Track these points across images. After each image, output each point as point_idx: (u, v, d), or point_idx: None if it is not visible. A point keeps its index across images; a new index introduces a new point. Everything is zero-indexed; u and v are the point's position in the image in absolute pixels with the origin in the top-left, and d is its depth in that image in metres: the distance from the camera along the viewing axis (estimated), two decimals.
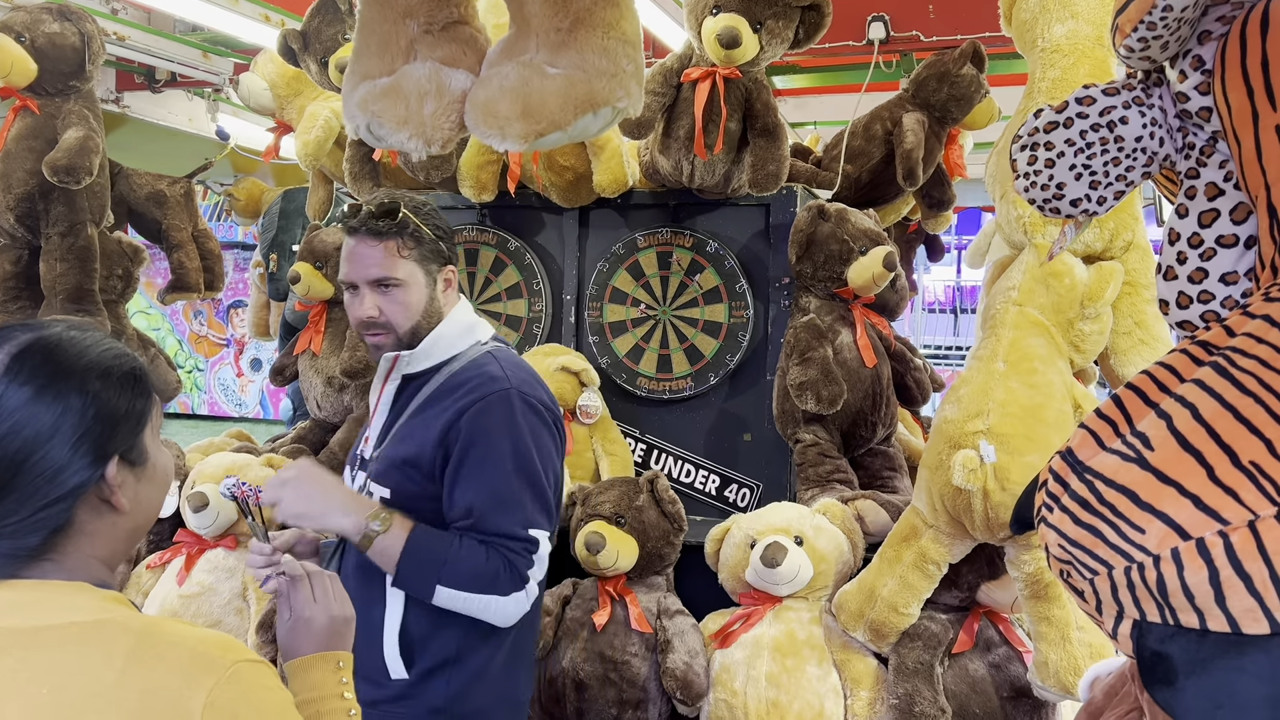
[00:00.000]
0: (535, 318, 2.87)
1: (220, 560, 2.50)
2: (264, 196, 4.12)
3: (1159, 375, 0.92)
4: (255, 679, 0.93)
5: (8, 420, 0.94)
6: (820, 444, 2.49)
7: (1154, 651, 0.86)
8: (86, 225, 2.87)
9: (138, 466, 1.02)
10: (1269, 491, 0.81)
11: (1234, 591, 0.80)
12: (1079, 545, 0.89)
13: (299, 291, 2.77)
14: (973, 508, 1.91)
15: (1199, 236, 1.03)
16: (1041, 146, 1.11)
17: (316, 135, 2.88)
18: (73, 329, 1.02)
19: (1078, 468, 0.91)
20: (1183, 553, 0.82)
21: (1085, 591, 0.92)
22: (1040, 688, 1.94)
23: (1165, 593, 0.83)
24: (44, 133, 2.77)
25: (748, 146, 2.46)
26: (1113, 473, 0.87)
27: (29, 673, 0.89)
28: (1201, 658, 0.82)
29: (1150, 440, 0.86)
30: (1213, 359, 0.88)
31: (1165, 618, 0.84)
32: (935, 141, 2.92)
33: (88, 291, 2.87)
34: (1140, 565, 0.84)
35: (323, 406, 2.88)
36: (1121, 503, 0.86)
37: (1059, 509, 0.91)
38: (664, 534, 2.27)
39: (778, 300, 2.67)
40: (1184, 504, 0.83)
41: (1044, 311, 2.00)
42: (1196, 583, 0.81)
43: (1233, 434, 0.83)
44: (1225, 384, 0.85)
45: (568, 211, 2.83)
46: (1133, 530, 0.85)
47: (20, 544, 0.95)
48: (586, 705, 2.10)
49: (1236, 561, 0.79)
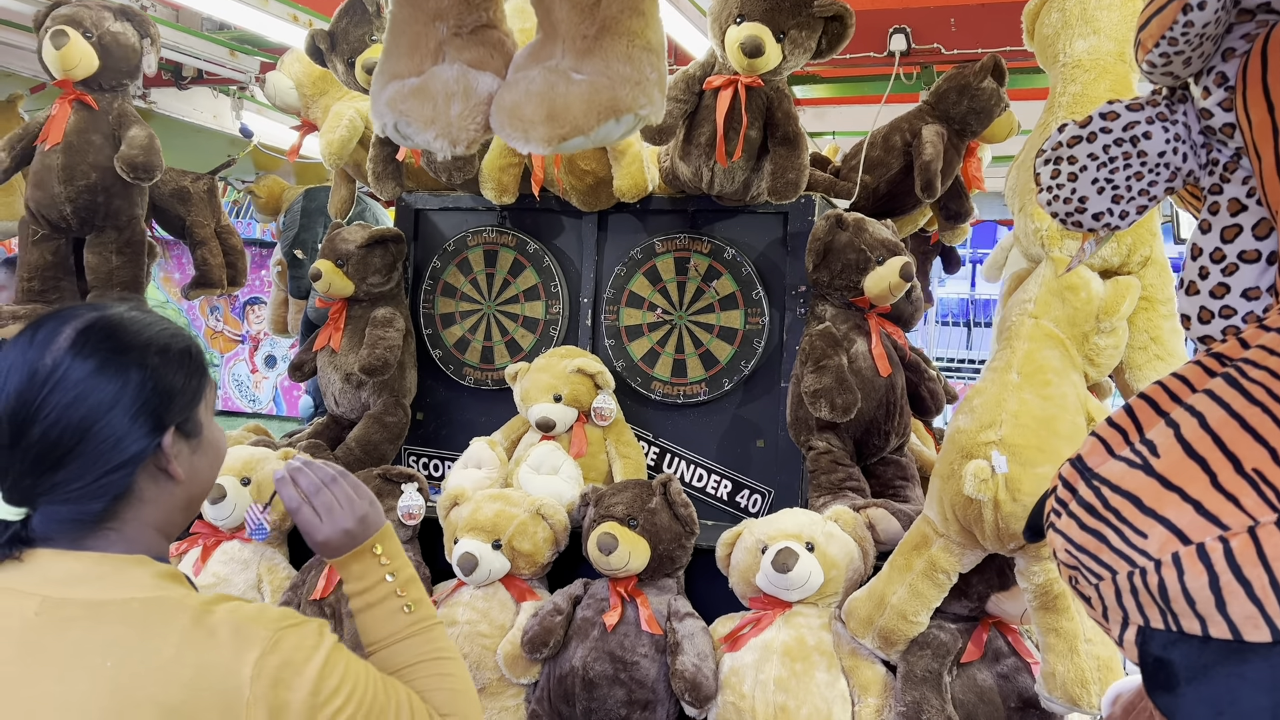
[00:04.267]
0: (552, 320, 2.89)
1: (236, 552, 2.52)
2: (285, 194, 4.16)
3: (1171, 386, 0.93)
4: (295, 641, 0.99)
5: (72, 390, 1.00)
6: (833, 452, 2.50)
7: (1156, 658, 0.86)
8: (140, 220, 2.95)
9: (193, 438, 1.09)
10: (1270, 498, 0.81)
11: (1234, 597, 0.80)
12: (1085, 550, 0.90)
13: (320, 289, 2.80)
14: (983, 518, 1.92)
15: (1221, 252, 1.04)
16: (1065, 160, 1.12)
17: (341, 134, 2.90)
18: (133, 309, 1.09)
19: (1086, 474, 0.92)
20: (1183, 558, 0.82)
21: (1092, 598, 0.93)
22: (1047, 699, 1.94)
23: (1167, 598, 0.83)
24: (100, 128, 2.85)
25: (767, 154, 2.48)
26: (1119, 479, 0.88)
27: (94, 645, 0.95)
28: (1203, 664, 0.82)
29: (1157, 448, 0.87)
30: (1225, 370, 0.89)
31: (1168, 623, 0.84)
32: (954, 154, 2.93)
33: (141, 285, 2.96)
34: (1143, 570, 0.85)
35: (340, 403, 2.91)
36: (1126, 508, 0.86)
37: (1066, 515, 0.92)
38: (676, 537, 2.28)
39: (794, 308, 2.68)
40: (1185, 509, 0.83)
41: (1059, 324, 2.01)
42: (1197, 588, 0.81)
43: (1237, 442, 0.83)
44: (1234, 394, 0.86)
45: (587, 215, 2.85)
46: (1136, 535, 0.85)
47: (85, 509, 1.01)
48: (595, 704, 2.11)
49: (1236, 567, 0.80)
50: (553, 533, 2.37)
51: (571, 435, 2.66)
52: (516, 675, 2.23)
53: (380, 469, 2.54)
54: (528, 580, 2.37)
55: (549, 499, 2.41)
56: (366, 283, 2.82)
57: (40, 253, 2.91)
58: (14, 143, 2.90)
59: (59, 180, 2.79)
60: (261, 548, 2.56)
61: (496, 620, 2.28)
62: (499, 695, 2.24)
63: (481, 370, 2.97)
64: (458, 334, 2.99)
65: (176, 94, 4.01)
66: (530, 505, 2.36)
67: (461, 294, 2.99)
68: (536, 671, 2.24)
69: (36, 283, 2.91)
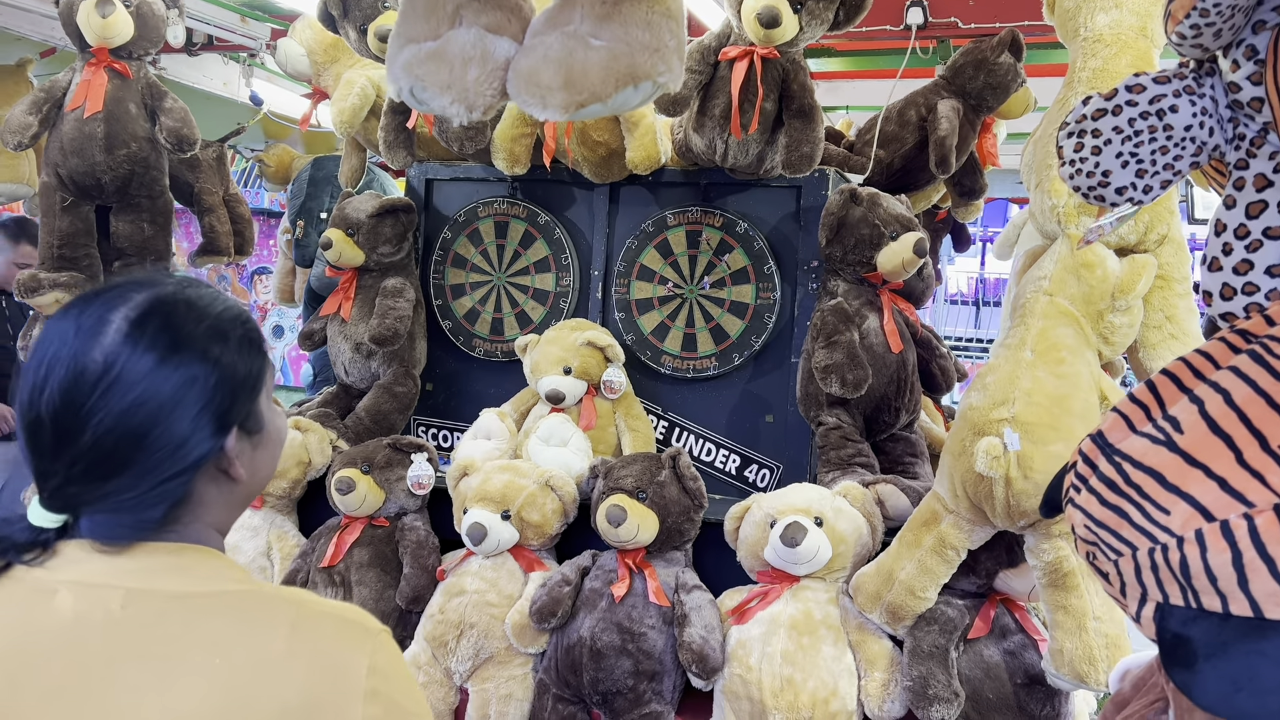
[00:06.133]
0: (563, 292, 2.89)
1: (245, 519, 2.54)
2: (294, 163, 4.14)
3: (1195, 362, 0.92)
4: (395, 648, 0.95)
5: (132, 391, 0.90)
6: (843, 427, 2.50)
7: (1175, 634, 0.86)
8: (167, 189, 2.97)
9: (255, 434, 1.00)
10: None
11: (1257, 574, 0.79)
12: (1105, 526, 0.89)
13: (330, 258, 2.79)
14: (994, 495, 1.92)
15: (1245, 228, 1.03)
16: (1089, 134, 1.11)
17: (353, 102, 2.89)
18: (187, 287, 0.98)
19: (1107, 450, 0.91)
20: (1206, 534, 0.81)
21: (1110, 574, 0.92)
22: (1054, 676, 1.94)
23: (1188, 575, 0.83)
24: (132, 97, 2.88)
25: (782, 127, 2.45)
26: (1141, 455, 0.87)
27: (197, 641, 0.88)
28: (1222, 641, 0.82)
29: (1180, 424, 0.86)
30: (1250, 347, 0.88)
31: (1188, 600, 0.84)
32: (969, 129, 2.90)
33: (170, 252, 2.99)
34: (1164, 547, 0.84)
35: (350, 372, 2.91)
36: (1148, 484, 0.86)
37: (1086, 490, 0.91)
38: (684, 510, 2.29)
39: (805, 283, 2.67)
40: (1210, 486, 0.82)
41: (1074, 302, 2.00)
42: (1219, 565, 0.81)
43: (1263, 419, 0.83)
44: (1260, 371, 0.85)
45: (599, 187, 2.83)
46: (1158, 511, 0.85)
47: (144, 517, 0.93)
48: (603, 674, 2.12)
49: (1260, 544, 0.79)
50: (562, 504, 2.37)
51: (581, 408, 2.66)
52: (524, 645, 2.24)
53: (390, 439, 2.54)
54: (536, 551, 2.39)
55: (558, 471, 2.42)
56: (377, 252, 2.82)
57: (71, 220, 2.92)
58: (39, 105, 2.88)
59: (101, 149, 2.81)
60: (271, 514, 2.58)
61: (505, 590, 2.30)
62: (507, 664, 2.26)
63: (491, 342, 2.97)
64: (468, 305, 2.99)
65: (186, 60, 3.99)
66: (539, 477, 2.37)
67: (472, 265, 2.99)
68: (544, 641, 2.25)
69: (67, 250, 2.92)
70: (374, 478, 2.45)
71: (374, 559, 2.40)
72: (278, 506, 2.60)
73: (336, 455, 2.61)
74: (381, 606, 2.36)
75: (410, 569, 2.36)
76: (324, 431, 2.68)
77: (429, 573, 2.37)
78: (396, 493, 2.47)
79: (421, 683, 2.25)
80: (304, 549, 2.51)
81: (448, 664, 2.27)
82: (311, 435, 2.64)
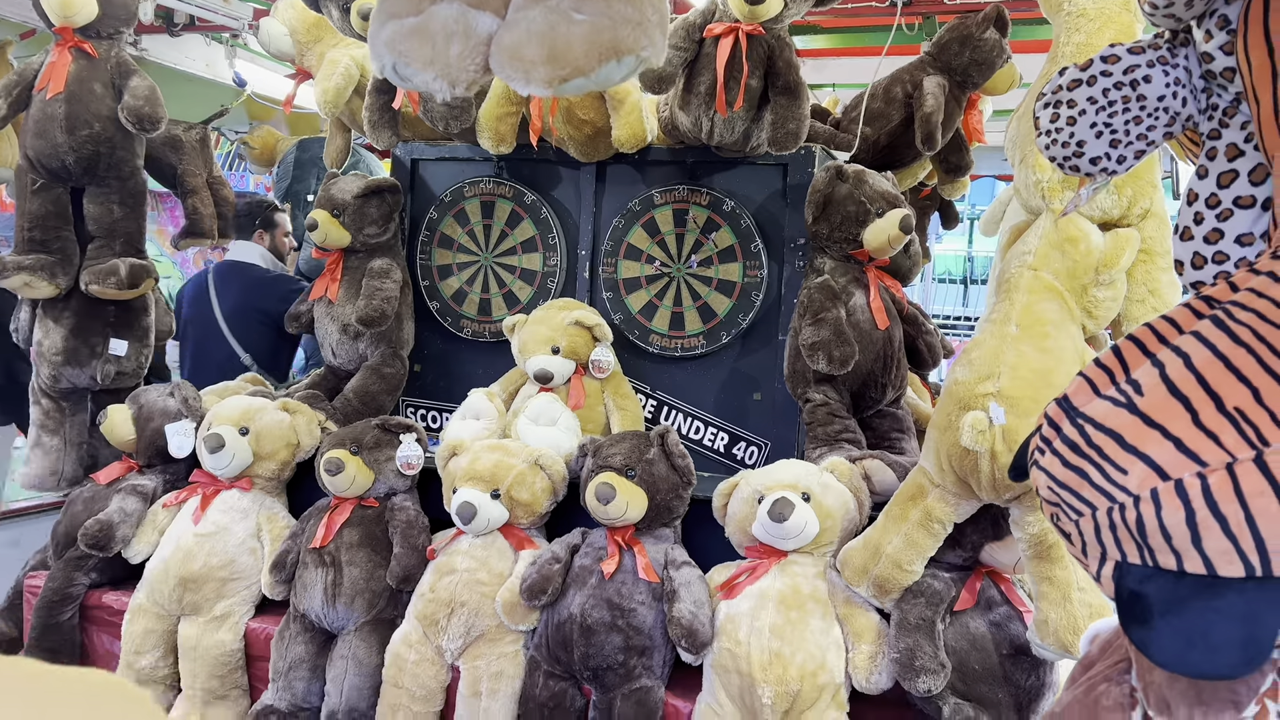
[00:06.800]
0: (550, 272, 2.89)
1: (235, 501, 2.54)
2: (278, 145, 4.12)
3: (1159, 327, 0.94)
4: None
5: None
6: (830, 404, 2.51)
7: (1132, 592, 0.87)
8: (140, 170, 2.92)
9: None
10: (1249, 436, 0.82)
11: (1210, 532, 0.81)
12: (1066, 487, 0.91)
13: (316, 239, 2.79)
14: (980, 469, 1.93)
15: (1216, 197, 1.04)
16: (1064, 104, 1.12)
17: (337, 82, 2.87)
18: None
19: (1071, 413, 0.93)
20: (1161, 493, 0.83)
21: (1072, 534, 0.94)
22: (1039, 646, 1.97)
23: (1144, 533, 0.84)
24: (99, 77, 2.81)
25: (768, 105, 2.45)
26: (1102, 417, 0.89)
27: None
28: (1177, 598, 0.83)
29: (1141, 387, 0.87)
30: (1213, 313, 0.89)
31: (1144, 558, 0.85)
32: (955, 106, 2.90)
33: (143, 234, 2.96)
34: (1122, 506, 0.86)
35: (337, 354, 2.91)
36: (1108, 445, 0.87)
37: (1050, 452, 0.93)
38: (673, 487, 2.30)
39: (792, 261, 2.67)
40: (1166, 446, 0.84)
41: (1058, 277, 2.01)
42: (1174, 523, 0.82)
43: (1221, 381, 0.84)
44: (1220, 335, 0.86)
45: (585, 166, 2.83)
46: (1116, 471, 0.86)
47: None
48: (593, 650, 2.14)
49: (1213, 503, 0.81)
50: (551, 483, 2.39)
51: (569, 387, 2.67)
52: (515, 622, 2.26)
53: (378, 420, 2.55)
54: (526, 529, 2.40)
55: (547, 450, 2.43)
56: (363, 233, 2.81)
57: (41, 202, 2.89)
58: (10, 89, 2.86)
59: (62, 130, 2.76)
60: (260, 496, 2.58)
61: (495, 568, 2.31)
62: (498, 642, 2.27)
63: (479, 322, 2.97)
64: (455, 286, 2.99)
65: (168, 41, 3.96)
66: (529, 456, 2.38)
67: (459, 245, 2.98)
68: (535, 619, 2.26)
69: (38, 232, 2.89)
70: (363, 458, 2.46)
71: (364, 539, 2.41)
72: (267, 488, 2.61)
73: (325, 437, 2.62)
74: (372, 586, 2.37)
75: (400, 548, 2.37)
76: (312, 413, 2.68)
77: (419, 552, 2.38)
78: (386, 473, 2.48)
79: (413, 661, 2.27)
80: (294, 530, 2.52)
81: (439, 642, 2.28)
82: (300, 417, 2.64)
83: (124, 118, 2.74)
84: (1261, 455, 0.80)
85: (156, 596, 2.46)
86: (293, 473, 2.67)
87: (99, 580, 2.62)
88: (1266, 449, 0.80)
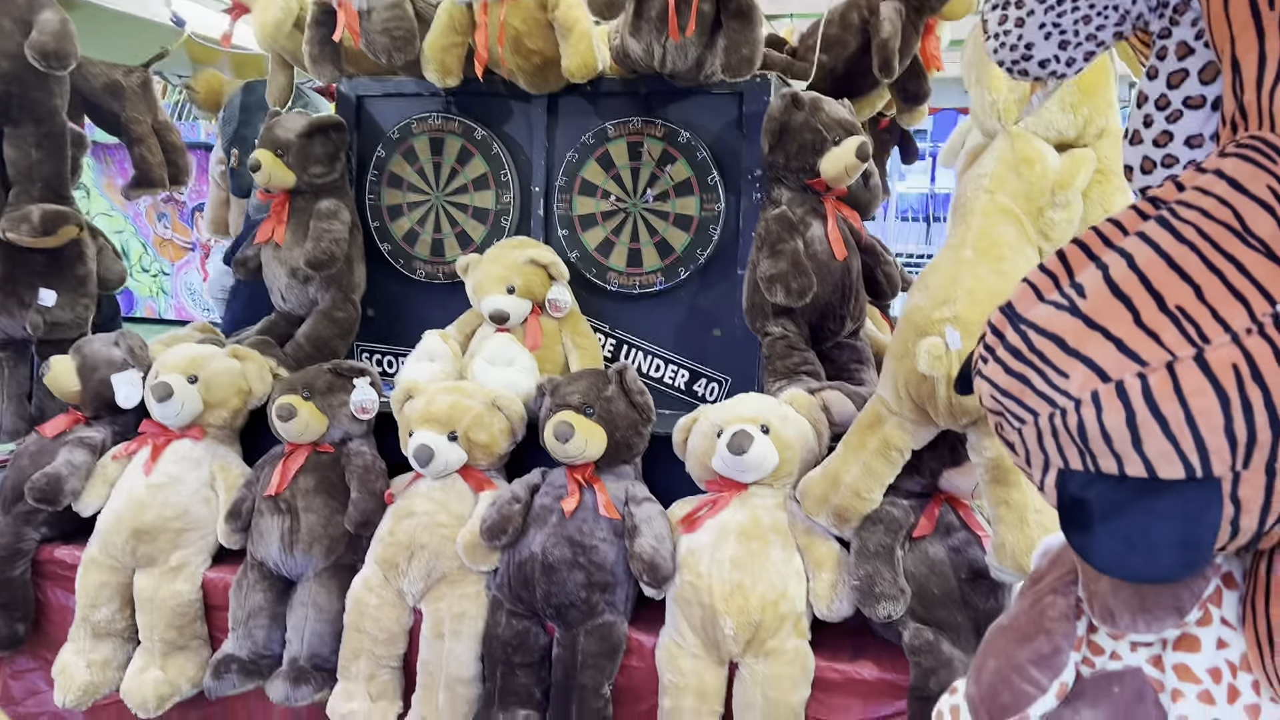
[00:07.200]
0: (503, 210, 2.83)
1: (187, 450, 2.49)
2: (224, 88, 3.98)
3: (1104, 230, 0.91)
4: None
5: None
6: (788, 336, 2.49)
7: (1073, 498, 0.86)
8: (59, 111, 2.79)
9: None
10: (1190, 334, 0.80)
11: (1150, 434, 0.79)
12: (1009, 395, 0.89)
13: (260, 181, 2.70)
14: (937, 394, 1.93)
15: (1166, 98, 1.01)
16: (1011, 5, 1.08)
17: (275, 15, 2.76)
18: None
19: (1014, 319, 0.90)
20: (1102, 395, 0.81)
21: (1015, 443, 0.92)
22: (998, 569, 1.98)
23: (1085, 438, 0.82)
24: (10, 12, 2.66)
25: (721, 30, 2.39)
26: (1044, 321, 0.86)
27: None
28: (1117, 501, 0.82)
29: (1085, 289, 0.85)
30: (1158, 213, 0.87)
31: (1085, 464, 0.84)
32: (912, 32, 2.86)
33: (64, 179, 2.82)
34: (1063, 411, 0.84)
35: (287, 299, 2.84)
36: (1050, 349, 0.85)
37: (993, 360, 0.91)
38: (632, 424, 2.28)
39: (749, 192, 2.63)
40: (1107, 347, 0.82)
41: (1015, 199, 1.98)
42: (1114, 425, 0.80)
43: (1163, 280, 0.82)
44: (1164, 234, 0.84)
45: (536, 99, 2.75)
46: (1058, 376, 0.84)
47: None
48: (555, 588, 2.13)
49: (1153, 403, 0.79)
50: (509, 423, 2.36)
51: (526, 327, 2.63)
52: (476, 563, 2.24)
53: (331, 364, 2.50)
54: (485, 471, 2.37)
55: (505, 390, 2.39)
56: (308, 173, 2.73)
57: None
58: None
59: None
60: (213, 445, 2.53)
61: (455, 510, 2.29)
62: (459, 583, 2.26)
63: (432, 263, 2.91)
64: (406, 226, 2.92)
65: None
66: (485, 397, 2.35)
67: (408, 184, 2.91)
68: (496, 559, 2.25)
69: None
70: (315, 403, 2.41)
71: (320, 485, 2.38)
72: (219, 437, 2.56)
73: (277, 383, 2.56)
74: (330, 531, 2.34)
75: (358, 494, 2.34)
76: (263, 360, 2.62)
77: (377, 496, 2.35)
78: (340, 418, 2.44)
79: (374, 605, 2.25)
80: (249, 479, 2.47)
81: (400, 585, 2.27)
82: (250, 364, 2.58)
83: (30, 55, 2.58)
84: (1202, 353, 0.78)
85: (110, 549, 2.42)
86: (245, 420, 2.61)
87: (50, 535, 2.57)
88: (1207, 346, 0.78)
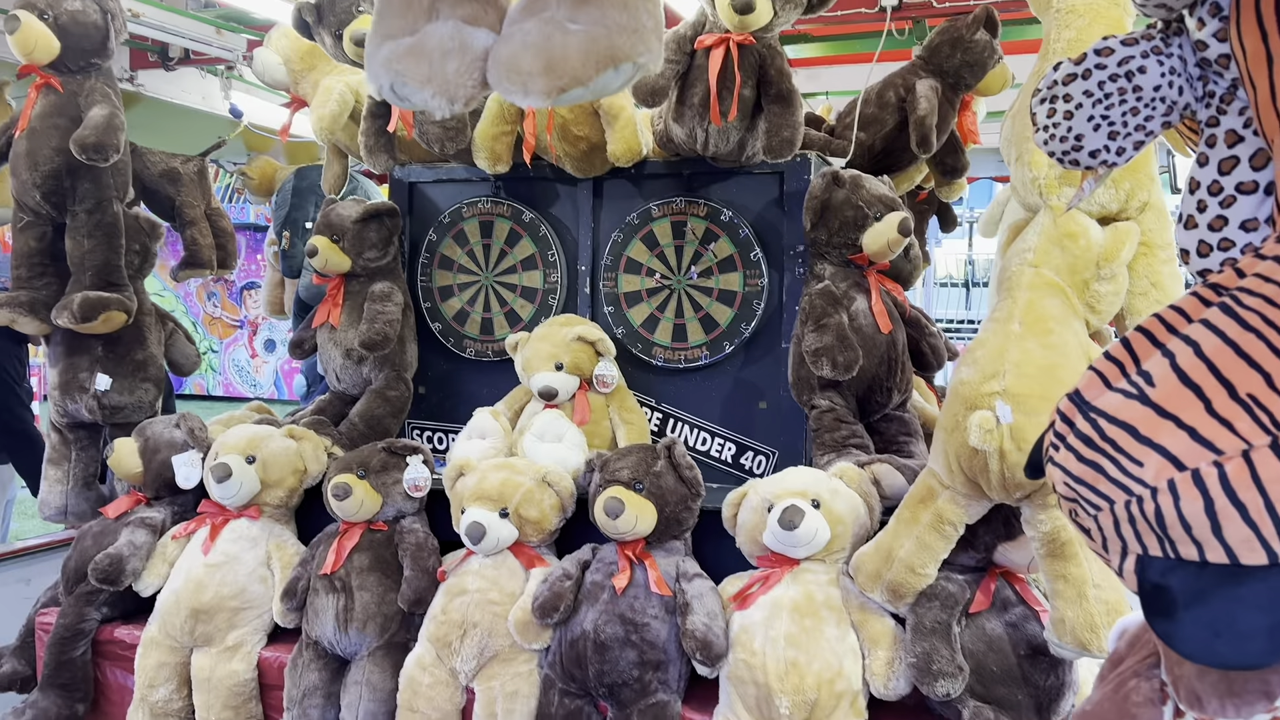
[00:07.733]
0: (550, 289, 2.89)
1: (244, 530, 2.54)
2: (277, 175, 4.14)
3: (1168, 317, 0.93)
4: None
5: None
6: (836, 410, 2.51)
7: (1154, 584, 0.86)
8: (112, 202, 2.91)
9: None
10: (1264, 422, 0.81)
11: (1230, 521, 0.80)
12: (1082, 482, 0.90)
13: (316, 265, 2.79)
14: (989, 468, 1.92)
15: (1219, 184, 1.04)
16: (1060, 99, 1.12)
17: (332, 109, 2.89)
18: None
19: (1083, 407, 0.92)
20: (1179, 484, 0.82)
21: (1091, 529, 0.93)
22: (1057, 645, 1.95)
23: (1164, 525, 0.83)
24: (67, 110, 2.80)
25: (762, 113, 2.46)
26: (1115, 410, 0.88)
27: None
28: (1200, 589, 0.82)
29: (1153, 378, 0.87)
30: (1221, 300, 0.89)
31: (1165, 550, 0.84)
32: (949, 108, 2.91)
33: (115, 267, 2.92)
34: (1139, 499, 0.85)
35: (341, 379, 2.91)
36: (1122, 438, 0.86)
37: (1065, 448, 0.92)
38: (682, 499, 2.29)
39: (792, 268, 2.68)
40: (1180, 436, 0.83)
41: (1059, 273, 2.01)
42: (1193, 513, 0.81)
43: (1232, 368, 0.83)
44: (1229, 321, 0.85)
45: (582, 182, 2.84)
46: (1132, 464, 0.85)
47: None
48: (608, 666, 2.13)
49: (1231, 491, 0.80)
50: (559, 499, 2.38)
51: (574, 403, 2.67)
52: (528, 641, 2.24)
53: (384, 442, 2.54)
54: (536, 547, 2.39)
55: (554, 466, 2.42)
56: (363, 257, 2.82)
57: (25, 240, 2.90)
58: (3, 131, 2.88)
59: (26, 166, 2.77)
60: (269, 524, 2.58)
61: (506, 588, 2.30)
62: (511, 661, 2.26)
63: (482, 342, 2.97)
64: (456, 306, 2.99)
65: (164, 75, 3.98)
66: (536, 473, 2.37)
67: (459, 266, 2.99)
68: (548, 637, 2.25)
69: (23, 270, 2.90)
70: (370, 482, 2.45)
71: (374, 563, 2.40)
72: (275, 516, 2.60)
73: (332, 462, 2.61)
74: (384, 610, 2.36)
75: (411, 571, 2.36)
76: (319, 439, 2.68)
77: (430, 574, 2.37)
78: (394, 496, 2.47)
79: (427, 684, 2.26)
80: (304, 557, 2.51)
81: (453, 664, 2.27)
82: (306, 443, 2.64)
83: (73, 149, 2.70)
84: (1277, 441, 0.80)
85: (169, 629, 2.45)
86: (301, 499, 2.66)
87: (110, 615, 2.61)
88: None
